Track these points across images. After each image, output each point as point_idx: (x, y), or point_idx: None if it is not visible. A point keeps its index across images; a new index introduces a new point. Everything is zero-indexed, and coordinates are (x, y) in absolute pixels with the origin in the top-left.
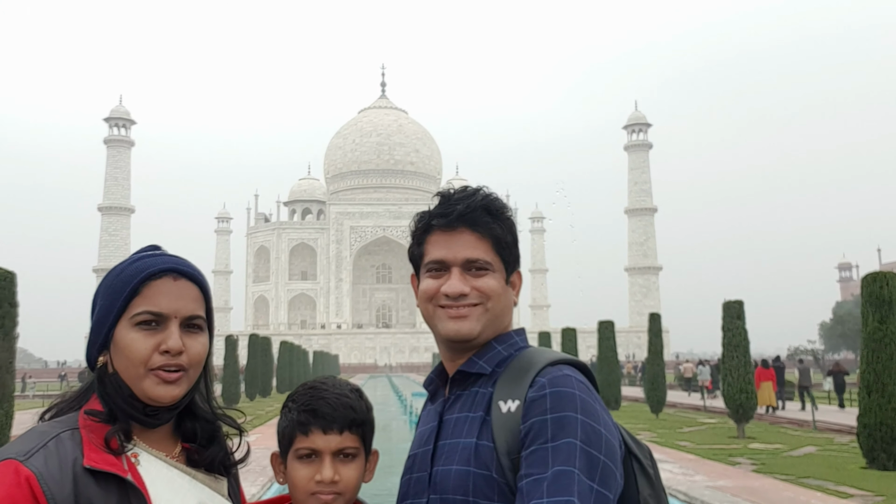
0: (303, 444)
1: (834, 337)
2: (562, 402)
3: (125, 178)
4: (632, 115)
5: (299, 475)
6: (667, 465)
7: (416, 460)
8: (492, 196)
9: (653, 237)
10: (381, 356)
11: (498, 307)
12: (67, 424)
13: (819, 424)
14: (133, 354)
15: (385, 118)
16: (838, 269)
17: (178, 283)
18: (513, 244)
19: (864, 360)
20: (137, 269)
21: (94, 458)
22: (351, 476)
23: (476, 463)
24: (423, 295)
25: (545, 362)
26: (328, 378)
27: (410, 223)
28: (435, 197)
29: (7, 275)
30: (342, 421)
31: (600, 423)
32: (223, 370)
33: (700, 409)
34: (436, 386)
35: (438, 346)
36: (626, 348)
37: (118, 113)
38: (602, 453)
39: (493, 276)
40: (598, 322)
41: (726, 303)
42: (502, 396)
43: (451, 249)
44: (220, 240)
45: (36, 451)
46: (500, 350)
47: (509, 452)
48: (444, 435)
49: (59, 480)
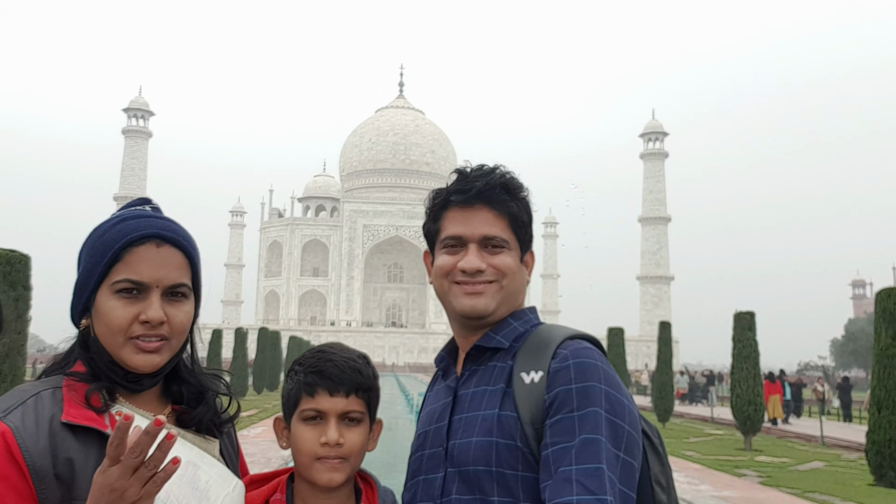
0: (308, 406)
1: (845, 354)
2: (586, 373)
3: (142, 168)
4: (649, 123)
5: (304, 437)
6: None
7: (429, 437)
8: (509, 175)
9: (666, 247)
10: (390, 355)
11: (513, 285)
12: (50, 384)
13: (827, 440)
14: (112, 323)
15: (402, 118)
16: (852, 285)
17: (161, 249)
18: (528, 223)
19: (875, 377)
20: (120, 232)
21: (73, 413)
22: (356, 441)
23: (499, 433)
24: (439, 271)
25: (565, 335)
26: (336, 344)
27: (426, 200)
28: (452, 174)
29: (21, 258)
30: (349, 384)
31: (622, 395)
32: (232, 362)
33: (707, 419)
34: (447, 363)
35: (451, 324)
36: (636, 357)
37: (137, 104)
38: (626, 423)
39: (508, 254)
40: (607, 329)
41: (737, 313)
42: (524, 368)
43: (468, 226)
44: (233, 233)
45: (14, 408)
46: (515, 326)
47: (533, 422)
48: (460, 409)
49: (35, 435)
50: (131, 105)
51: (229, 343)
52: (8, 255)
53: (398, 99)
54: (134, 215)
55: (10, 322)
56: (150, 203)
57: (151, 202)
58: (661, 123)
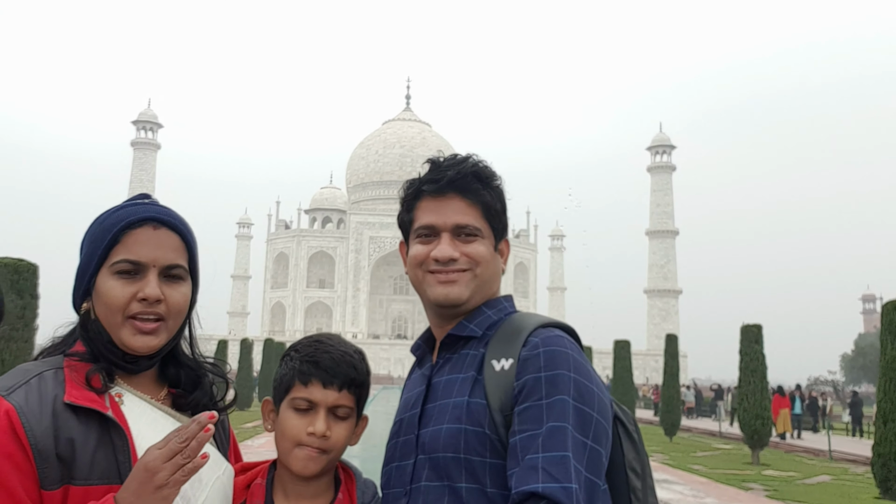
0: (300, 394)
1: (855, 369)
2: (555, 361)
3: (150, 180)
4: (656, 136)
5: (290, 424)
6: (677, 486)
7: (403, 425)
8: (482, 163)
9: (673, 260)
10: (395, 367)
11: (487, 273)
12: (52, 364)
13: (835, 454)
14: (111, 301)
15: (409, 130)
16: (862, 300)
17: (157, 232)
18: (502, 212)
19: (881, 389)
20: (119, 217)
21: (74, 394)
22: (340, 435)
23: (468, 420)
24: (413, 260)
25: (537, 324)
26: (334, 335)
27: (400, 190)
28: (425, 163)
29: (29, 267)
30: (343, 378)
31: (592, 382)
32: (237, 373)
33: (715, 434)
34: (423, 351)
35: (427, 312)
36: (644, 371)
37: (146, 116)
38: (595, 410)
39: (482, 243)
40: (613, 342)
41: (744, 326)
42: (495, 356)
43: (440, 215)
44: (240, 245)
45: (18, 387)
46: (490, 314)
47: (502, 409)
48: (433, 398)
49: (39, 414)
50: (140, 117)
51: (235, 354)
52: (16, 265)
53: (405, 111)
54: (132, 203)
55: (18, 331)
56: (150, 198)
57: (150, 197)
58: (669, 136)
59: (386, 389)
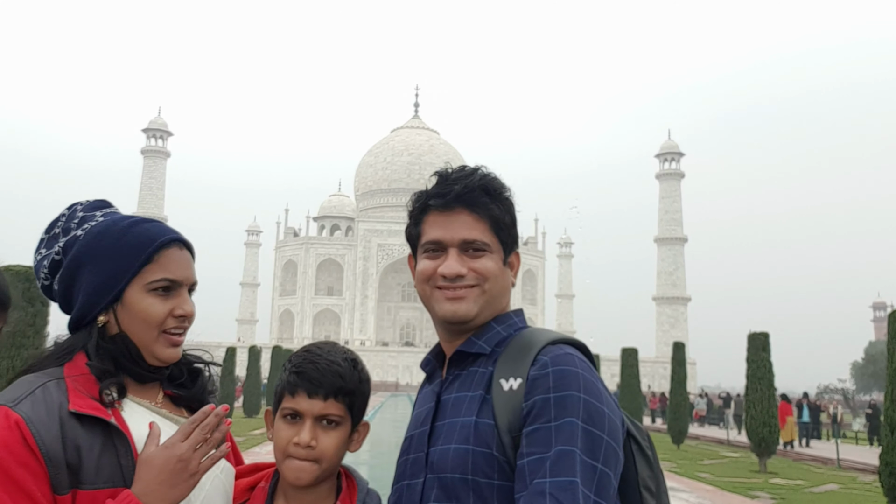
0: (288, 405)
1: (865, 377)
2: (565, 381)
3: (160, 188)
4: (664, 143)
5: (281, 434)
6: (683, 494)
7: (413, 441)
8: (490, 176)
9: (682, 267)
10: (404, 375)
11: (496, 288)
12: (53, 375)
13: (843, 462)
14: (150, 318)
15: (417, 138)
16: (873, 308)
17: (182, 252)
18: (511, 225)
19: (888, 397)
20: (147, 236)
21: (78, 403)
22: (329, 444)
23: (476, 441)
24: (420, 276)
25: (546, 341)
26: (327, 343)
27: (408, 202)
28: (432, 177)
29: None
30: (328, 387)
31: (603, 402)
32: (245, 380)
33: (723, 442)
34: (433, 367)
35: (436, 328)
36: (652, 379)
37: (156, 124)
38: (605, 432)
39: (490, 258)
40: (621, 349)
41: (751, 334)
42: (504, 374)
43: (448, 230)
44: (248, 252)
45: (24, 398)
46: (499, 330)
47: (510, 430)
48: (442, 415)
49: (47, 423)
50: (150, 125)
51: (243, 361)
52: (27, 272)
53: (413, 119)
54: (143, 220)
55: (29, 338)
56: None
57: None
58: (677, 143)
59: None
